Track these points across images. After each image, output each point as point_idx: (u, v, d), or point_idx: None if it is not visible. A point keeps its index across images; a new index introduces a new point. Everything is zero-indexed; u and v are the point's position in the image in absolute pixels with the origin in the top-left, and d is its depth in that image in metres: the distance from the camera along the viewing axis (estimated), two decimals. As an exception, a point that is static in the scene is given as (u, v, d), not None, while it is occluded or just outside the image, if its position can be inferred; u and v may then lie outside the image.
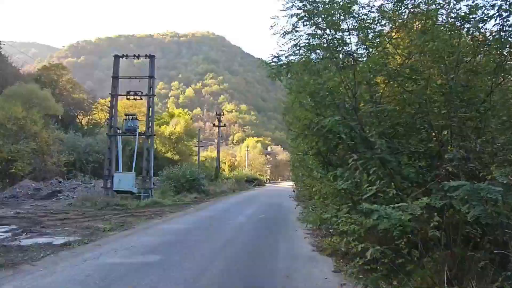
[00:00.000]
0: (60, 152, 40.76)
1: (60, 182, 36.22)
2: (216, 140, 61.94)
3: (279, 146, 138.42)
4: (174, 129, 71.38)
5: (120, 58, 29.07)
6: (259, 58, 12.01)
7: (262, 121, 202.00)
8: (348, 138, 6.56)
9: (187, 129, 73.21)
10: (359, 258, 6.12)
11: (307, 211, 10.55)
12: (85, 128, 61.98)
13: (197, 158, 68.19)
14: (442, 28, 6.41)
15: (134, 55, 29.17)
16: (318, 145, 7.74)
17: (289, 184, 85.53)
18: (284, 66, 10.31)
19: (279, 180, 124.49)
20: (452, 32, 6.23)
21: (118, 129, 28.53)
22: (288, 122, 31.18)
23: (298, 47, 8.30)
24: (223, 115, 61.59)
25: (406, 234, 5.27)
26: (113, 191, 26.61)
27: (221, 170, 72.52)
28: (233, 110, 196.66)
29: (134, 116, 29.08)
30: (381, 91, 7.27)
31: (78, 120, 65.73)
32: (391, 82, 6.99)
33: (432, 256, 5.39)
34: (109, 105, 31.91)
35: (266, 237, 12.76)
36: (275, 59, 10.57)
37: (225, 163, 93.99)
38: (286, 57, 10.19)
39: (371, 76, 6.88)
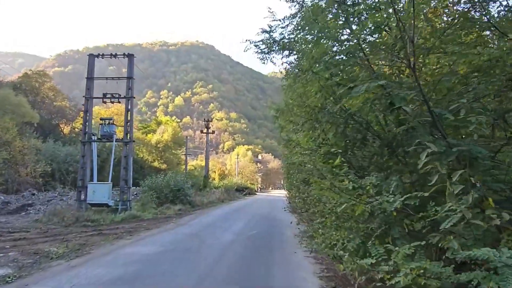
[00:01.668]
0: (37, 162, 37.90)
1: (33, 194, 33.40)
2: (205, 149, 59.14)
3: (270, 154, 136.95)
4: (161, 137, 68.77)
5: (96, 58, 26.51)
6: (247, 40, 9.34)
7: (252, 129, 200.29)
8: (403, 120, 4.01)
9: (174, 137, 70.64)
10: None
11: (317, 236, 7.81)
12: (67, 136, 59.03)
13: (186, 167, 65.59)
14: None
15: (111, 55, 26.52)
16: (336, 138, 5.15)
17: (281, 193, 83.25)
18: (278, 43, 7.78)
19: (270, 188, 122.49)
20: None
21: (93, 135, 25.81)
22: (281, 126, 28.59)
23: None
24: (211, 121, 59.00)
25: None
26: (87, 204, 23.94)
27: (210, 179, 69.85)
28: (223, 118, 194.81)
29: (111, 121, 26.28)
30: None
31: (60, 129, 62.92)
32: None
33: None
34: (96, 113, 29.06)
35: (257, 263, 10.10)
36: (265, 34, 8.05)
37: (215, 172, 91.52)
38: (281, 31, 7.67)
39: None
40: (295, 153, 11.34)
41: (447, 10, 5.00)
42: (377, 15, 4.25)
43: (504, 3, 4.49)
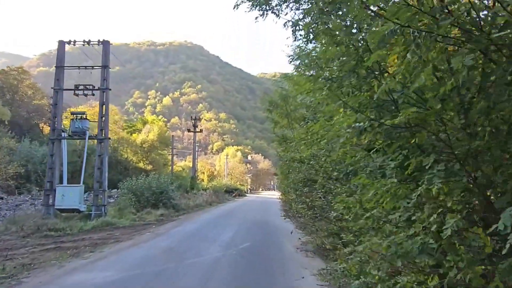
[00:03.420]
0: (9, 163, 34.86)
1: (1, 198, 30.42)
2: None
3: (260, 154, 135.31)
4: (147, 136, 65.62)
5: (67, 45, 23.61)
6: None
7: (241, 130, 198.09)
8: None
9: (161, 137, 67.60)
10: None
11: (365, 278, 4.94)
12: (46, 136, 55.89)
13: (174, 168, 62.40)
14: None
15: (84, 41, 23.61)
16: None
17: (272, 194, 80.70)
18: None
19: (260, 189, 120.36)
20: None
21: (63, 131, 22.92)
22: (274, 121, 25.83)
23: None
24: (199, 119, 56.27)
25: None
26: (55, 210, 21.06)
27: (199, 180, 66.98)
28: (212, 119, 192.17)
29: (84, 115, 23.36)
30: None
31: (40, 128, 59.84)
32: None
33: None
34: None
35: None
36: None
37: (203, 173, 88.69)
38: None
39: None
40: (307, 143, 8.55)
41: None
42: None
43: None
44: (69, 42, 23.54)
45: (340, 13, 3.62)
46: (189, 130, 53.91)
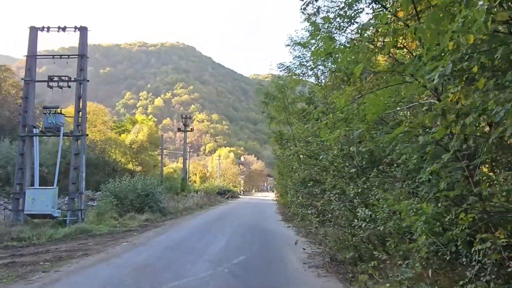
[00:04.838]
0: (-16, 165, 32.48)
1: (-27, 202, 28.05)
2: (187, 151, 53.52)
3: (253, 155, 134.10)
4: (136, 137, 63.09)
5: (40, 31, 21.29)
6: None
7: (234, 131, 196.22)
8: None
9: (151, 137, 65.18)
10: None
11: None
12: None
13: (165, 169, 59.93)
14: None
15: (59, 27, 21.22)
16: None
17: (265, 196, 78.61)
18: None
19: (253, 191, 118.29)
20: None
21: (35, 127, 20.55)
22: (270, 116, 23.69)
23: None
24: (190, 118, 54.02)
25: None
26: (26, 215, 18.72)
27: (191, 182, 64.64)
28: (204, 120, 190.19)
29: (58, 109, 20.94)
30: None
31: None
32: None
33: None
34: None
35: None
36: None
37: (196, 174, 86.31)
38: None
39: None
40: (329, 124, 6.31)
41: None
42: None
43: None
44: (42, 29, 21.19)
45: None
46: (179, 130, 51.56)
